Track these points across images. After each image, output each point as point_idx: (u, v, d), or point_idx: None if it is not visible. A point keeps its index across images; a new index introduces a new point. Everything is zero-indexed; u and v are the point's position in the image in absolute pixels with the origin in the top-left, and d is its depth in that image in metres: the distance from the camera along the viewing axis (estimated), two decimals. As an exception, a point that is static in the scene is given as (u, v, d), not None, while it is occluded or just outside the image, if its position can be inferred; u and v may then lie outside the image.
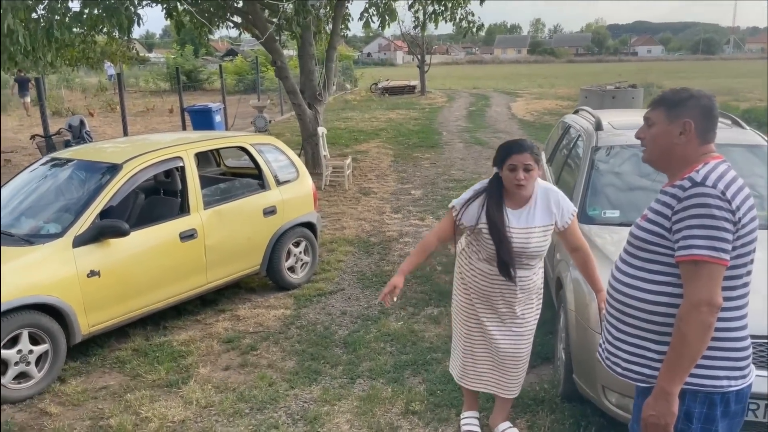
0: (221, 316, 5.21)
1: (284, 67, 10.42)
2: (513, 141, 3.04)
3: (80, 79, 30.36)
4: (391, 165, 11.77)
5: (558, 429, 3.49)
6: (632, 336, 2.10)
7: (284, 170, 5.80)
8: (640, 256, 2.08)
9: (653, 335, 2.04)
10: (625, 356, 2.12)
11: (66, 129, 10.09)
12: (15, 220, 4.59)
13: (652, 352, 2.05)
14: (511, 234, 2.97)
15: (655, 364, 2.03)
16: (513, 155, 2.92)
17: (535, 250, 3.02)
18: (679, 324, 1.93)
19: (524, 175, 2.91)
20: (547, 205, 3.02)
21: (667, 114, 2.08)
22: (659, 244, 2.02)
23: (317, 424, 3.62)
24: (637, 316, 2.07)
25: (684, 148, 2.06)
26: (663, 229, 2.00)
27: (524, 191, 2.97)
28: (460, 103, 25.13)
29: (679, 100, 2.07)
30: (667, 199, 2.02)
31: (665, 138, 2.08)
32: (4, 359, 3.85)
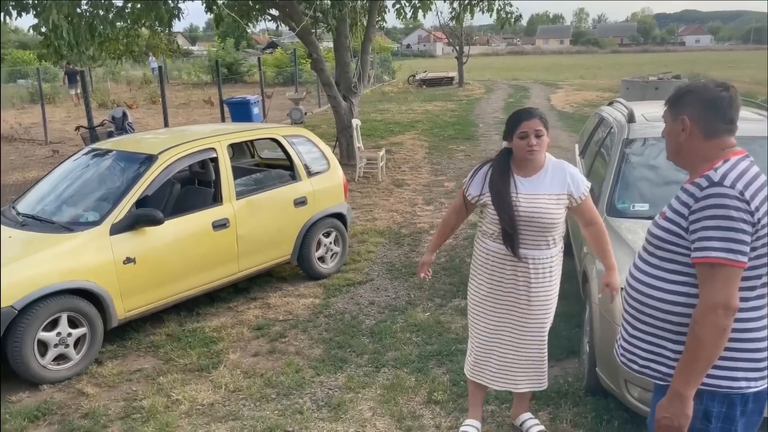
0: (252, 304, 5.34)
1: (320, 59, 10.51)
2: (521, 109, 3.02)
3: (125, 72, 31.12)
4: (425, 157, 11.77)
5: (580, 422, 3.48)
6: (649, 334, 2.08)
7: (315, 161, 5.88)
8: (657, 255, 2.06)
9: (670, 334, 2.02)
10: (642, 353, 2.10)
11: (109, 121, 10.40)
12: (57, 208, 4.78)
13: (669, 350, 2.03)
14: (519, 200, 2.92)
15: (672, 363, 2.02)
16: (523, 122, 2.92)
17: (544, 219, 2.92)
18: (694, 327, 1.90)
19: (536, 141, 2.90)
20: (560, 176, 2.98)
21: (671, 112, 2.08)
22: (676, 243, 1.99)
23: (341, 410, 3.70)
24: (654, 315, 2.05)
25: (690, 145, 2.03)
26: (680, 228, 1.97)
27: (537, 156, 2.94)
28: (499, 95, 24.90)
29: (679, 97, 2.06)
30: (685, 197, 1.98)
31: (673, 136, 2.07)
32: (44, 341, 4.03)
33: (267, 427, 3.54)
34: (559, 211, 2.96)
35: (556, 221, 2.96)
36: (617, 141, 4.70)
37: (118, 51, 13.20)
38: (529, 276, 3.02)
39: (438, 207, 8.24)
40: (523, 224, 2.94)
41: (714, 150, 2.00)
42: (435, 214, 7.94)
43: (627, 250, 3.67)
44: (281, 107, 18.29)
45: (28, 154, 12.97)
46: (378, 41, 35.38)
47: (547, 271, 3.05)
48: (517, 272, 3.03)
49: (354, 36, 11.90)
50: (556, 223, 2.96)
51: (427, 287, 5.55)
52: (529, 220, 2.93)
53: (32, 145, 14.22)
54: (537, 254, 3.00)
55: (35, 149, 13.63)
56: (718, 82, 2.06)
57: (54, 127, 15.98)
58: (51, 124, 15.50)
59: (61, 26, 6.42)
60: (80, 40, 7.40)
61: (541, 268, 3.03)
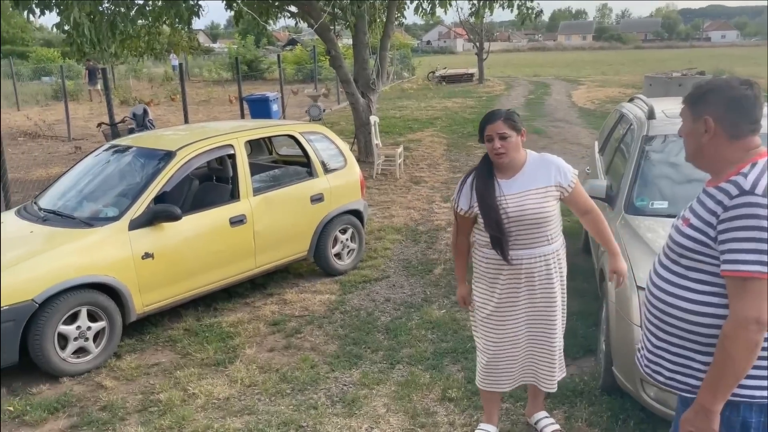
0: (269, 300, 5.37)
1: (338, 56, 10.52)
2: (489, 112, 2.98)
3: (147, 70, 31.45)
4: (443, 154, 11.73)
5: (596, 421, 3.45)
6: (675, 345, 1.99)
7: (332, 158, 5.89)
8: (681, 263, 1.96)
9: (698, 346, 1.94)
10: (668, 365, 2.02)
11: (130, 117, 10.50)
12: (77, 204, 4.85)
13: (697, 362, 1.95)
14: (507, 202, 2.88)
15: (701, 375, 1.94)
16: (487, 126, 2.90)
17: (535, 215, 2.88)
18: (724, 342, 1.82)
19: (500, 144, 2.86)
20: (544, 169, 2.94)
21: (691, 111, 1.96)
22: (703, 252, 1.89)
23: (355, 406, 3.71)
24: (680, 326, 1.96)
25: (713, 147, 1.92)
26: (707, 237, 1.87)
27: (504, 159, 2.89)
28: (519, 92, 24.73)
29: (700, 95, 1.94)
30: (711, 204, 1.88)
31: (693, 137, 1.96)
32: (65, 334, 4.09)
33: (281, 422, 3.56)
34: (549, 205, 2.91)
35: (548, 216, 2.91)
36: (637, 138, 4.64)
37: (139, 48, 13.34)
38: (532, 275, 2.97)
39: (456, 204, 8.20)
40: (515, 225, 2.90)
41: (739, 152, 1.90)
42: (452, 211, 7.90)
43: (645, 249, 3.63)
44: (300, 104, 18.35)
45: (51, 151, 13.17)
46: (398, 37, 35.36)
47: (550, 268, 2.99)
48: (521, 274, 2.97)
49: (373, 33, 11.90)
50: (548, 217, 2.91)
51: (444, 284, 5.54)
52: (520, 219, 2.89)
53: (55, 141, 14.44)
54: (537, 252, 2.94)
55: (58, 146, 13.84)
56: (741, 79, 1.96)
57: (77, 123, 16.20)
58: (74, 121, 15.72)
59: (82, 24, 6.52)
60: (102, 38, 7.50)
61: (544, 266, 2.97)
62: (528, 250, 2.93)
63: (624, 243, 3.76)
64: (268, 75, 31.97)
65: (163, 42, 14.94)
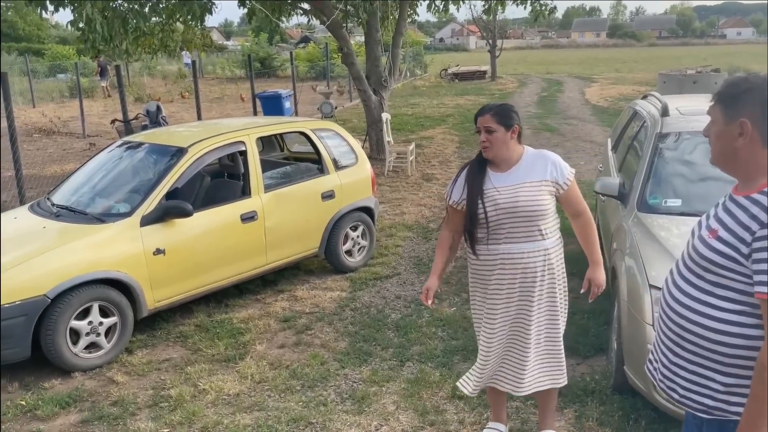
0: (280, 296, 5.38)
1: (350, 53, 10.51)
2: (483, 105, 2.99)
3: (161, 67, 31.62)
4: (455, 151, 11.70)
5: (607, 421, 3.42)
6: (693, 363, 1.87)
7: (343, 155, 5.89)
8: (707, 279, 1.82)
9: (719, 366, 1.82)
10: (684, 383, 1.90)
11: (143, 114, 10.57)
12: (90, 199, 4.89)
13: (717, 383, 1.83)
14: (499, 193, 2.85)
15: (719, 396, 1.83)
16: (477, 118, 2.91)
17: (528, 206, 2.82)
18: (760, 370, 1.67)
19: (485, 137, 2.86)
20: (540, 164, 2.91)
21: (725, 111, 1.80)
22: (732, 269, 1.75)
23: (364, 403, 3.70)
24: (701, 344, 1.84)
25: (748, 152, 1.77)
26: (739, 254, 1.73)
27: (488, 153, 2.88)
28: (532, 89, 24.60)
29: (735, 95, 1.77)
30: (744, 218, 1.73)
31: (725, 140, 1.80)
32: (76, 329, 4.12)
33: (291, 419, 3.57)
34: (543, 198, 2.85)
35: (543, 208, 2.84)
36: (650, 135, 4.59)
37: (153, 46, 13.40)
38: (527, 271, 2.89)
39: (467, 202, 8.18)
40: (508, 217, 2.84)
41: None
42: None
43: (658, 247, 3.59)
44: (312, 101, 18.37)
45: (66, 147, 13.29)
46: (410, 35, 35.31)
47: (544, 264, 2.90)
48: (516, 271, 2.90)
49: (385, 30, 11.88)
50: (542, 210, 2.84)
51: (454, 282, 5.52)
52: (513, 210, 2.83)
53: (70, 138, 14.56)
54: (530, 246, 2.87)
55: (73, 142, 13.95)
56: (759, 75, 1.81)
57: (91, 120, 16.33)
58: (88, 118, 15.85)
59: (95, 20, 6.55)
60: (114, 34, 7.55)
61: (540, 261, 2.89)
62: (522, 245, 2.87)
63: (636, 241, 3.73)
64: (281, 72, 32.00)
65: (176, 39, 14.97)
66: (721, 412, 1.84)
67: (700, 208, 3.75)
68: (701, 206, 3.77)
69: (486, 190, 2.88)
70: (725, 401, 1.83)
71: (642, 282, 3.37)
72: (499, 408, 3.29)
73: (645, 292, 3.30)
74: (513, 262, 2.89)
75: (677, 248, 3.48)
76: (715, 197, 2.26)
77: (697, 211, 3.72)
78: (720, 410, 1.84)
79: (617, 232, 4.25)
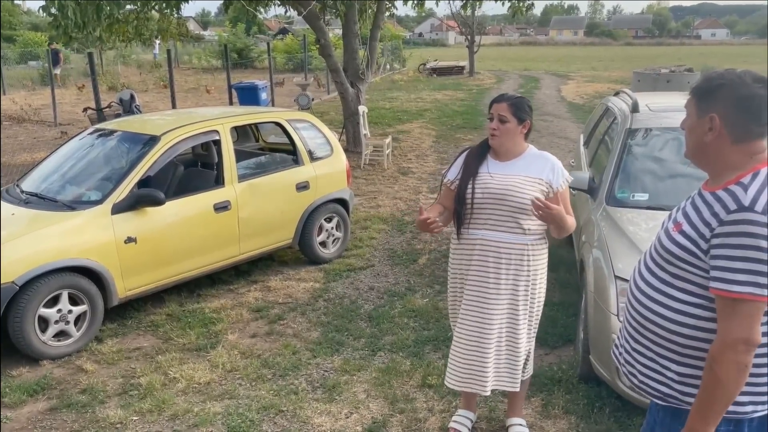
0: (253, 287, 5.37)
1: (327, 45, 10.48)
2: (501, 93, 3.01)
3: (136, 56, 31.16)
4: (432, 146, 11.75)
5: (572, 409, 3.49)
6: (651, 351, 1.92)
7: (319, 147, 5.89)
8: (667, 270, 1.86)
9: (674, 355, 1.86)
10: (642, 369, 1.96)
11: (117, 103, 10.44)
12: (60, 187, 4.82)
13: (672, 372, 1.88)
14: (492, 179, 2.89)
15: (674, 385, 1.88)
16: (493, 105, 2.93)
17: (516, 197, 2.83)
18: (712, 365, 1.72)
19: (497, 125, 2.87)
20: (539, 164, 2.93)
21: (698, 106, 1.80)
22: (690, 263, 1.79)
23: (335, 392, 3.73)
24: (658, 332, 1.88)
25: (716, 148, 1.79)
26: (698, 248, 1.76)
27: (496, 142, 2.91)
28: (509, 85, 24.77)
29: (709, 89, 1.77)
30: (707, 214, 1.76)
31: (696, 134, 1.82)
32: (45, 317, 4.08)
33: (262, 407, 3.58)
34: (532, 193, 2.84)
35: (530, 204, 2.79)
36: (620, 131, 4.68)
37: (127, 34, 13.20)
38: (499, 261, 2.90)
39: (442, 195, 8.23)
40: (493, 202, 2.88)
41: (741, 156, 1.77)
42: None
43: (625, 240, 3.67)
44: (289, 93, 18.27)
45: (37, 135, 13.04)
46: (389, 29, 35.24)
47: (521, 260, 2.90)
48: (488, 260, 2.91)
49: (363, 22, 11.86)
50: (529, 206, 2.80)
51: (428, 274, 5.56)
52: (500, 198, 2.86)
53: (41, 126, 14.30)
54: (508, 238, 2.89)
55: (44, 130, 13.70)
56: (756, 75, 1.78)
57: (63, 109, 16.06)
58: (60, 106, 15.58)
59: (67, 6, 6.45)
60: (87, 21, 7.43)
61: (514, 255, 2.89)
62: (500, 234, 2.89)
63: (604, 234, 3.81)
64: (258, 63, 31.77)
65: (152, 28, 14.77)
66: (676, 401, 1.89)
67: (666, 203, 3.84)
68: (668, 201, 3.86)
69: (480, 172, 2.94)
70: (679, 391, 1.87)
71: (608, 274, 3.44)
72: (469, 397, 3.32)
73: (611, 284, 3.37)
74: (490, 249, 2.91)
75: (644, 241, 3.56)
76: (682, 192, 2.31)
77: (663, 206, 3.81)
78: (674, 398, 1.89)
79: (586, 225, 4.33)
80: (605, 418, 3.39)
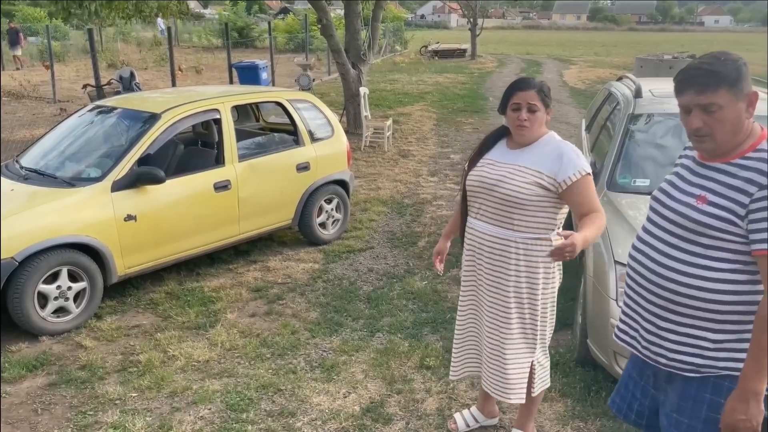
0: (252, 267, 5.38)
1: (329, 25, 10.40)
2: (519, 78, 2.71)
3: (136, 33, 30.89)
4: (432, 128, 11.70)
5: (569, 392, 3.52)
6: (684, 325, 1.94)
7: (319, 127, 5.86)
8: (699, 242, 1.89)
9: (712, 324, 1.91)
10: (673, 346, 1.97)
11: (116, 80, 10.38)
12: (60, 163, 4.80)
13: (707, 341, 1.92)
14: (494, 168, 2.68)
15: (709, 353, 1.92)
16: (516, 92, 2.61)
17: (505, 189, 2.60)
18: (761, 322, 1.78)
19: (527, 116, 2.59)
20: (550, 155, 2.61)
21: (733, 92, 1.84)
22: (726, 230, 1.84)
23: (333, 372, 3.75)
24: (694, 305, 1.91)
25: (746, 121, 1.88)
26: (734, 215, 1.82)
27: (527, 133, 2.62)
28: (511, 69, 24.63)
29: (738, 73, 1.83)
30: (737, 182, 1.84)
31: (736, 117, 1.86)
32: (45, 294, 4.08)
33: (260, 385, 3.60)
34: (526, 186, 2.58)
35: (522, 198, 2.58)
36: (623, 116, 4.66)
37: (127, 11, 13.10)
38: (483, 253, 2.75)
39: (442, 179, 8.23)
40: (485, 192, 2.69)
41: (749, 124, 1.89)
42: (439, 185, 7.93)
43: (626, 225, 3.67)
44: (290, 74, 18.16)
45: (36, 112, 12.97)
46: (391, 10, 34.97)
47: (505, 257, 2.69)
48: (483, 247, 2.76)
49: (365, 3, 11.76)
50: (520, 200, 2.58)
51: (427, 257, 5.57)
52: (491, 187, 2.65)
53: (40, 102, 14.22)
54: (495, 231, 2.69)
55: (43, 107, 13.63)
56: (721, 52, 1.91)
57: (62, 85, 15.95)
58: (59, 83, 15.47)
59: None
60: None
61: (498, 249, 2.70)
62: (489, 226, 2.71)
63: (605, 219, 3.80)
64: (258, 43, 31.52)
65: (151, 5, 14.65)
66: (711, 369, 1.93)
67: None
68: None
69: (484, 158, 2.76)
70: (714, 358, 1.92)
71: (608, 259, 3.45)
72: (486, 398, 3.17)
73: (610, 269, 3.38)
74: (478, 240, 2.77)
75: (644, 227, 3.56)
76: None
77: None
78: (709, 367, 1.93)
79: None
80: (601, 402, 3.41)
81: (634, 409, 2.18)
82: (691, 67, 1.88)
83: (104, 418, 3.31)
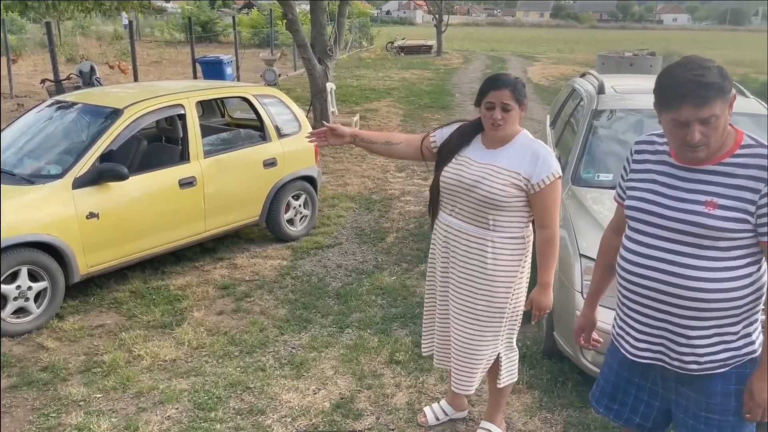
0: (219, 264, 5.32)
1: (295, 20, 10.31)
2: (494, 75, 2.68)
3: (96, 27, 30.21)
4: (399, 124, 11.73)
5: (536, 384, 3.57)
6: (712, 327, 1.96)
7: (286, 123, 5.81)
8: (717, 246, 1.90)
9: (735, 318, 1.96)
10: (704, 351, 1.97)
11: (76, 75, 10.13)
12: (18, 160, 4.67)
13: (731, 334, 1.97)
14: (470, 168, 2.67)
15: (733, 344, 1.97)
16: (490, 92, 2.59)
17: (483, 190, 2.61)
18: None
19: (501, 115, 2.58)
20: (525, 155, 2.63)
21: (724, 98, 1.84)
22: (743, 230, 1.88)
23: (303, 368, 3.73)
24: (721, 306, 1.93)
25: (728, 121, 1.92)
26: (747, 213, 1.87)
27: (501, 133, 2.63)
28: (476, 65, 24.82)
29: (723, 79, 1.82)
30: (740, 181, 1.87)
31: (726, 121, 1.89)
32: (4, 294, 3.97)
33: (229, 383, 3.56)
34: (504, 189, 2.60)
35: (499, 199, 2.60)
36: (586, 112, 4.74)
37: (87, 4, 12.80)
38: (458, 251, 2.75)
39: (410, 174, 8.26)
40: (463, 191, 2.68)
41: None
42: (407, 181, 7.95)
43: (590, 219, 3.74)
44: (256, 69, 17.98)
45: (-9, 107, 12.59)
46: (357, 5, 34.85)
47: (484, 255, 2.69)
48: (458, 245, 2.75)
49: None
50: (498, 201, 2.60)
51: (395, 252, 5.59)
52: (470, 187, 2.65)
53: (-4, 98, 13.80)
54: (471, 230, 2.70)
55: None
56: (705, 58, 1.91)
57: (20, 80, 15.50)
58: (17, 78, 15.03)
59: (24, -28, 6.19)
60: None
61: (473, 248, 2.70)
62: (465, 224, 2.72)
63: (570, 213, 3.87)
64: (223, 38, 31.11)
65: None
66: (736, 359, 1.98)
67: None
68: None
69: (459, 155, 2.74)
70: (737, 347, 1.98)
71: (573, 252, 3.51)
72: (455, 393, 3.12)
73: (576, 261, 3.44)
74: (452, 238, 2.76)
75: (608, 220, 3.61)
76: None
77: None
78: (734, 358, 1.98)
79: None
80: (568, 393, 3.48)
81: (639, 412, 2.17)
82: (684, 80, 1.80)
83: (68, 419, 3.24)
